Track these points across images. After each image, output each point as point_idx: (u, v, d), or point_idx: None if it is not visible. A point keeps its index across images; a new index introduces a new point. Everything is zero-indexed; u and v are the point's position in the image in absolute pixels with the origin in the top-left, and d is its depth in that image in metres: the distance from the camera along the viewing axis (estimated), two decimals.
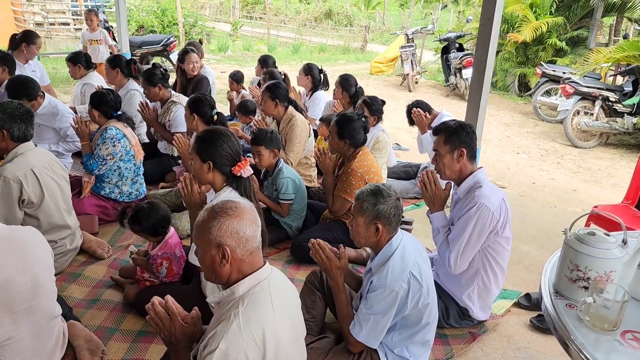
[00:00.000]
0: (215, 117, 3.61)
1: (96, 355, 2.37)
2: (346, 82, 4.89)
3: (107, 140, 3.58)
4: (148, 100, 4.47)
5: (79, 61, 5.23)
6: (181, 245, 2.90)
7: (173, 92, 4.62)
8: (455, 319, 2.78)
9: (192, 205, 2.60)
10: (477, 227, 2.50)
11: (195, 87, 5.44)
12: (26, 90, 3.95)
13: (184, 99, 4.50)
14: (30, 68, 5.48)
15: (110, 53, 6.94)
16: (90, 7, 13.27)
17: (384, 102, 4.38)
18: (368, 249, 3.46)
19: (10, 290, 1.94)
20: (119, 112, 3.73)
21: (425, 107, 4.35)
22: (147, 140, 4.84)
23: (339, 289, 2.30)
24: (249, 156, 3.54)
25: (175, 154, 4.53)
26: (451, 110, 8.71)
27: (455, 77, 9.92)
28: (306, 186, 3.85)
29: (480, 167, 2.67)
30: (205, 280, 2.57)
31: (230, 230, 1.58)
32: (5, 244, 1.99)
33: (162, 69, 4.44)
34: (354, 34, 19.43)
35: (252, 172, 2.56)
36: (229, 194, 2.47)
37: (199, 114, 3.63)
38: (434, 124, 4.21)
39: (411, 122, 4.40)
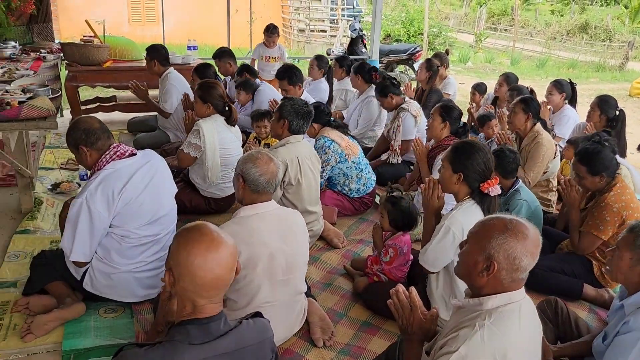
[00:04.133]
0: (461, 127, 3.64)
1: (326, 334, 2.60)
2: (605, 104, 4.41)
3: (319, 149, 3.81)
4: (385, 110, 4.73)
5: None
6: (411, 245, 2.99)
7: (407, 98, 4.77)
8: None
9: (429, 208, 2.66)
10: None
11: (426, 98, 5.55)
12: (289, 74, 4.54)
13: (413, 106, 4.63)
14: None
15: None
16: (346, 16, 14.46)
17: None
18: (611, 291, 3.11)
19: (274, 262, 2.26)
20: (332, 119, 3.99)
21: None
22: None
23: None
24: None
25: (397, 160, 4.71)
26: None
27: None
28: (543, 211, 3.61)
29: None
30: (432, 287, 2.62)
31: (510, 253, 1.54)
32: (277, 221, 2.32)
33: (392, 79, 4.65)
34: (613, 50, 17.38)
35: (500, 191, 2.50)
36: (470, 206, 2.46)
37: (450, 121, 3.70)
38: None
39: None
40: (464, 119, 6.26)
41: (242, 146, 4.01)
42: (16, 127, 3.21)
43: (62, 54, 5.35)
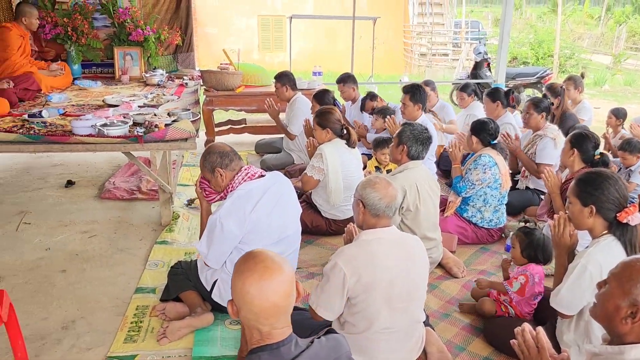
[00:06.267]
0: (597, 156, 3.38)
1: None
2: None
3: (479, 166, 3.76)
4: (519, 132, 4.50)
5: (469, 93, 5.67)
6: (543, 278, 2.82)
7: (548, 124, 4.54)
8: None
9: (559, 246, 2.48)
10: None
11: (559, 123, 5.21)
12: (414, 91, 4.52)
13: (551, 131, 4.38)
14: None
15: None
16: (470, 39, 14.16)
17: None
18: None
19: (393, 288, 2.25)
20: (495, 141, 3.87)
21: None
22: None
23: None
24: (632, 202, 3.16)
25: (531, 186, 4.47)
26: None
27: None
28: None
29: None
30: (562, 329, 2.44)
31: None
32: (397, 247, 2.32)
33: (550, 101, 4.43)
34: None
35: None
36: (609, 243, 2.27)
37: (580, 150, 3.46)
38: None
39: None
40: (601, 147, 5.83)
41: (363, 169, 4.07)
42: (162, 147, 3.56)
43: (201, 81, 5.84)
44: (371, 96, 5.59)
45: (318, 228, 3.90)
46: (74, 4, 5.79)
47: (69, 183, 4.94)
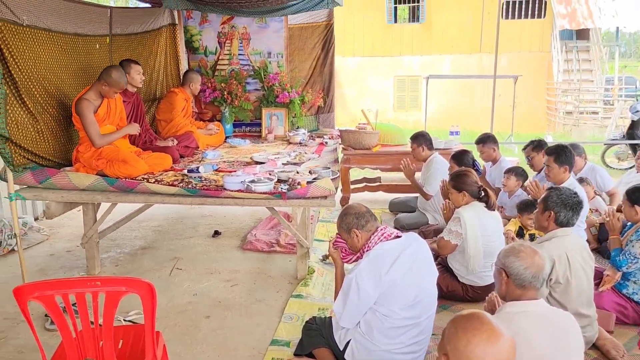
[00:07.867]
0: None
1: None
2: None
3: None
4: None
5: None
6: None
7: None
8: None
9: None
10: None
11: None
12: (559, 152, 4.17)
13: None
14: None
15: None
16: (624, 97, 13.08)
17: None
18: None
19: None
20: None
21: None
22: None
23: None
24: None
25: None
26: None
27: None
28: None
29: None
30: None
31: None
32: (547, 323, 2.14)
33: None
34: None
35: None
36: None
37: None
38: None
39: None
40: None
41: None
42: (303, 204, 3.72)
43: (340, 140, 6.07)
44: (534, 145, 5.13)
45: (454, 293, 3.74)
46: (231, 70, 6.44)
47: (216, 233, 5.33)
